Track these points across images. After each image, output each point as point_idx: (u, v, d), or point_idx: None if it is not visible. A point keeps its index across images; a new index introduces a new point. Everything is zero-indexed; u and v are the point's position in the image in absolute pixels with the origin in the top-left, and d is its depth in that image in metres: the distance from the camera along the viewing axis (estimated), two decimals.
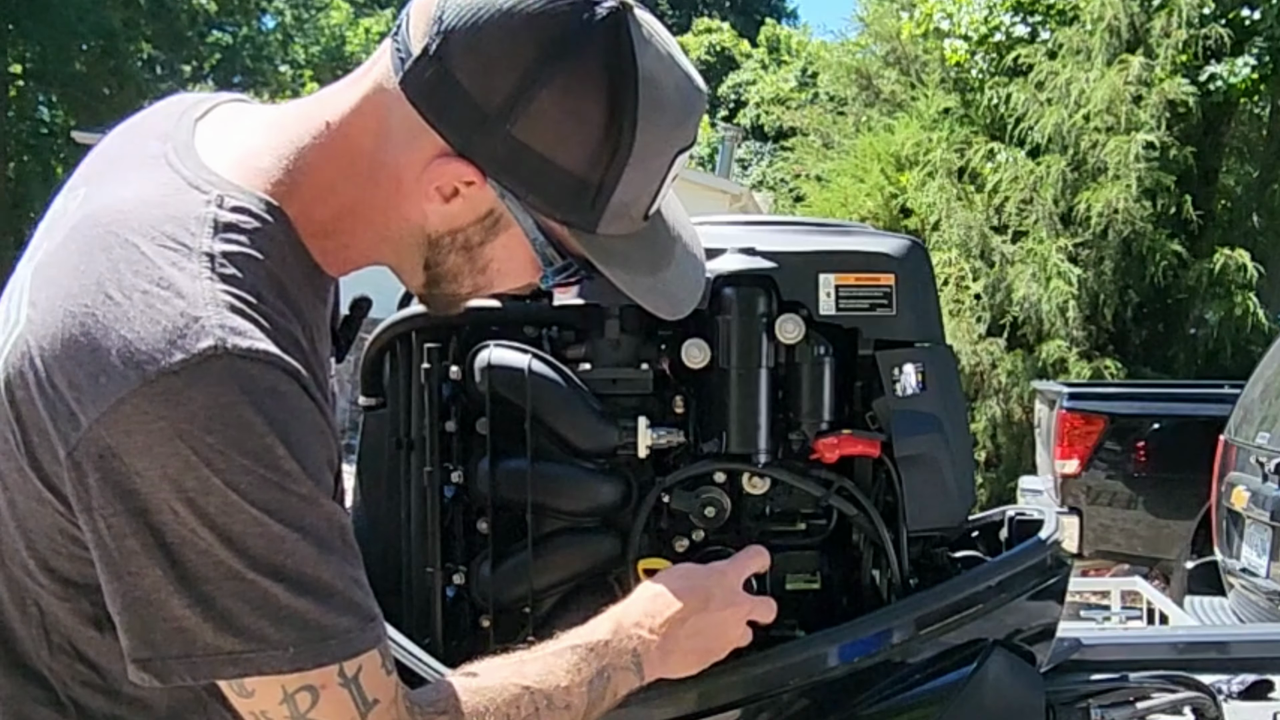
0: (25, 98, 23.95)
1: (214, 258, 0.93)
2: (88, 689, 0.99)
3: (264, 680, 0.91)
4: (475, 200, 1.00)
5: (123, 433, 0.88)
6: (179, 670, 0.91)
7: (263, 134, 1.03)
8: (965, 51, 11.36)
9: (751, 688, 1.32)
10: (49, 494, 0.93)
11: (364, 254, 1.07)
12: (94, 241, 0.95)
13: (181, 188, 0.97)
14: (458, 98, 0.96)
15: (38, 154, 24.13)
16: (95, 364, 0.89)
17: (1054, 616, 1.47)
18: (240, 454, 0.89)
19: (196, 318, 0.89)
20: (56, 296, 0.93)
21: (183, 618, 0.90)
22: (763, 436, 1.39)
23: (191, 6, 27.71)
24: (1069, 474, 6.55)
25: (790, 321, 1.37)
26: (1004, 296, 10.24)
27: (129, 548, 0.89)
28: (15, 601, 0.99)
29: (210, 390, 0.88)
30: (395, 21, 1.02)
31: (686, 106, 1.01)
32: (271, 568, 0.90)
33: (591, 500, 1.39)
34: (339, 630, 0.92)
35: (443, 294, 1.08)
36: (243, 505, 0.89)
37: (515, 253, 1.04)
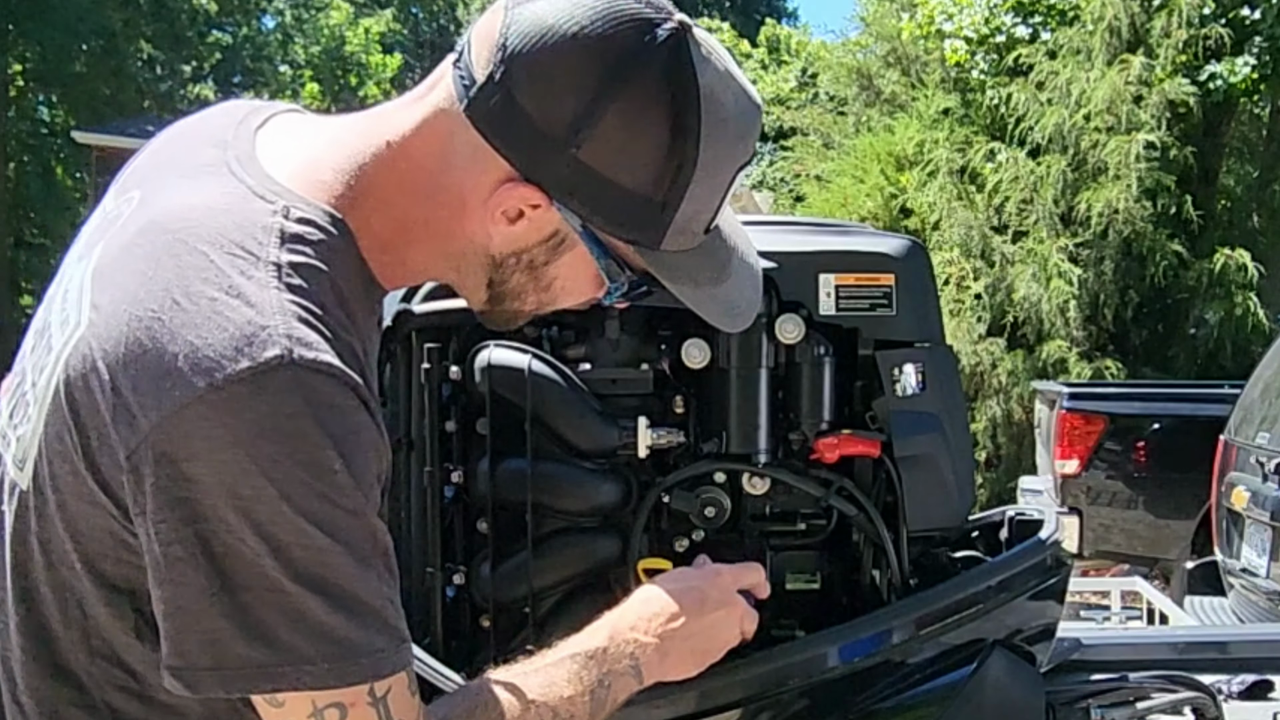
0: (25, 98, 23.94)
1: (281, 267, 0.94)
2: (123, 694, 0.99)
3: (295, 695, 0.91)
4: (540, 222, 1.01)
5: (182, 438, 0.88)
6: (209, 682, 0.91)
7: (323, 147, 1.04)
8: (966, 52, 11.36)
9: (751, 688, 1.32)
10: (103, 496, 0.93)
11: (422, 270, 1.08)
12: (161, 248, 0.95)
13: (247, 197, 0.98)
14: (523, 123, 0.97)
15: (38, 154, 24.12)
16: (161, 368, 0.89)
17: (1054, 616, 1.47)
18: (296, 465, 0.89)
19: (264, 326, 0.90)
20: (122, 301, 0.93)
21: (218, 629, 0.90)
22: (763, 436, 1.39)
23: (191, 6, 27.69)
24: (1069, 474, 6.55)
25: (790, 321, 1.37)
26: (1004, 296, 10.24)
27: (174, 554, 0.90)
28: (58, 603, 0.99)
29: (273, 400, 0.89)
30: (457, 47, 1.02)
31: (746, 122, 1.02)
32: (312, 580, 0.90)
33: (591, 500, 1.39)
34: (372, 650, 0.93)
35: (505, 311, 1.10)
36: (292, 515, 0.89)
37: (579, 271, 1.05)
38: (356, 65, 33.14)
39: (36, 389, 0.99)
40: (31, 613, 1.00)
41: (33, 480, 0.98)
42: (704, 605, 1.21)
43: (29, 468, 0.98)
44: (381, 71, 33.29)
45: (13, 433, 1.02)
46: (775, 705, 1.34)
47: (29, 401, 1.00)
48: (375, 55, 33.67)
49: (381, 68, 33.44)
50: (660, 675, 1.18)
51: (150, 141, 1.15)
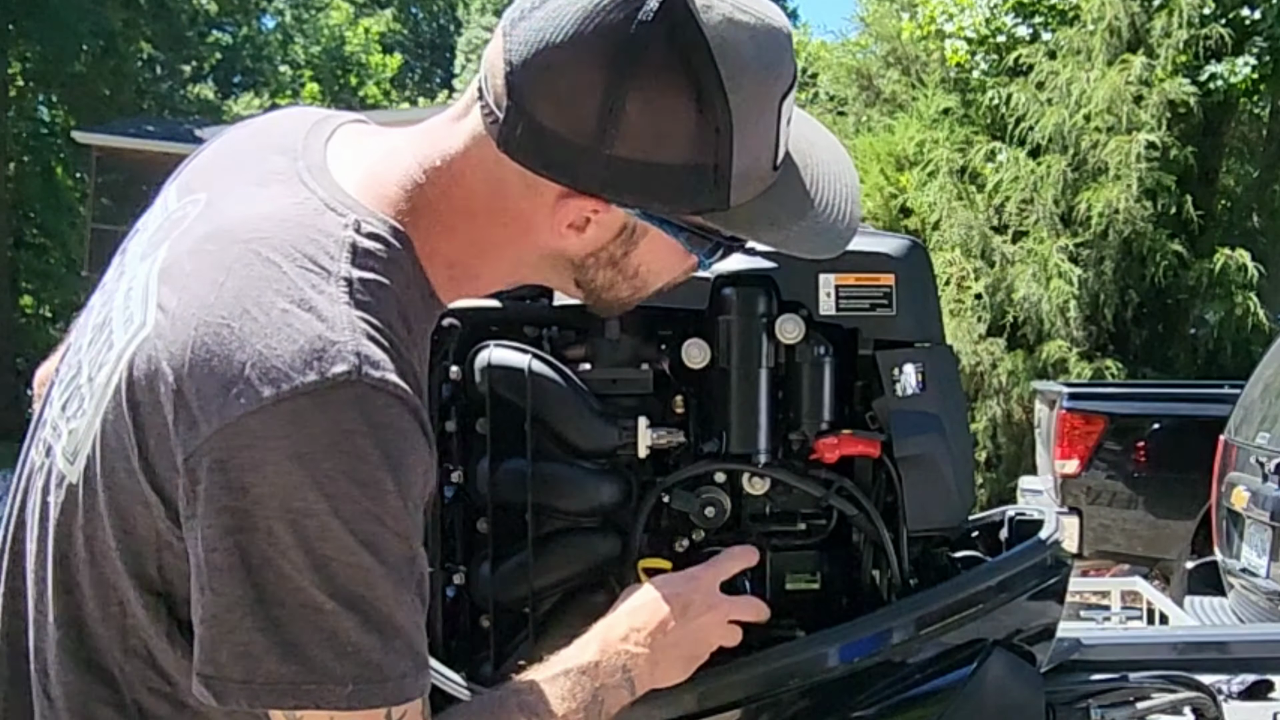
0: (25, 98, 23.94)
1: (352, 283, 0.94)
2: (155, 695, 0.99)
3: (316, 713, 0.92)
4: (607, 222, 1.02)
5: (241, 446, 0.88)
6: (237, 694, 0.91)
7: (382, 161, 1.04)
8: (966, 52, 11.36)
9: (751, 688, 1.32)
10: (155, 497, 0.94)
11: (500, 280, 1.10)
12: (233, 256, 0.95)
13: (319, 209, 0.99)
14: (552, 141, 0.96)
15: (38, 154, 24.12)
16: (228, 376, 0.90)
17: (1054, 616, 1.47)
18: (352, 482, 0.89)
19: (334, 341, 0.90)
20: (191, 305, 0.94)
21: (251, 642, 0.90)
22: (763, 436, 1.39)
23: (191, 6, 27.69)
24: (1069, 474, 6.56)
25: (790, 321, 1.37)
26: (1004, 296, 10.24)
27: (215, 562, 0.90)
28: (99, 599, 0.99)
29: (336, 416, 0.89)
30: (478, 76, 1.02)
31: (771, 52, 0.99)
32: (350, 598, 0.90)
33: (591, 500, 1.39)
34: (396, 674, 0.93)
35: (606, 301, 1.10)
36: (341, 532, 0.89)
37: (660, 252, 1.05)
38: (356, 65, 33.15)
39: (94, 384, 0.99)
40: (71, 605, 1.00)
41: (83, 474, 0.98)
42: (688, 611, 1.21)
43: (80, 462, 0.99)
44: (381, 71, 33.31)
45: (65, 424, 1.02)
46: (775, 705, 1.33)
47: (84, 395, 1.01)
48: (375, 55, 33.69)
49: (381, 68, 33.45)
50: (651, 684, 1.18)
51: (212, 141, 1.16)
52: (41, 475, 1.04)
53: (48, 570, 1.01)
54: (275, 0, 32.58)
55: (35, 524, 1.04)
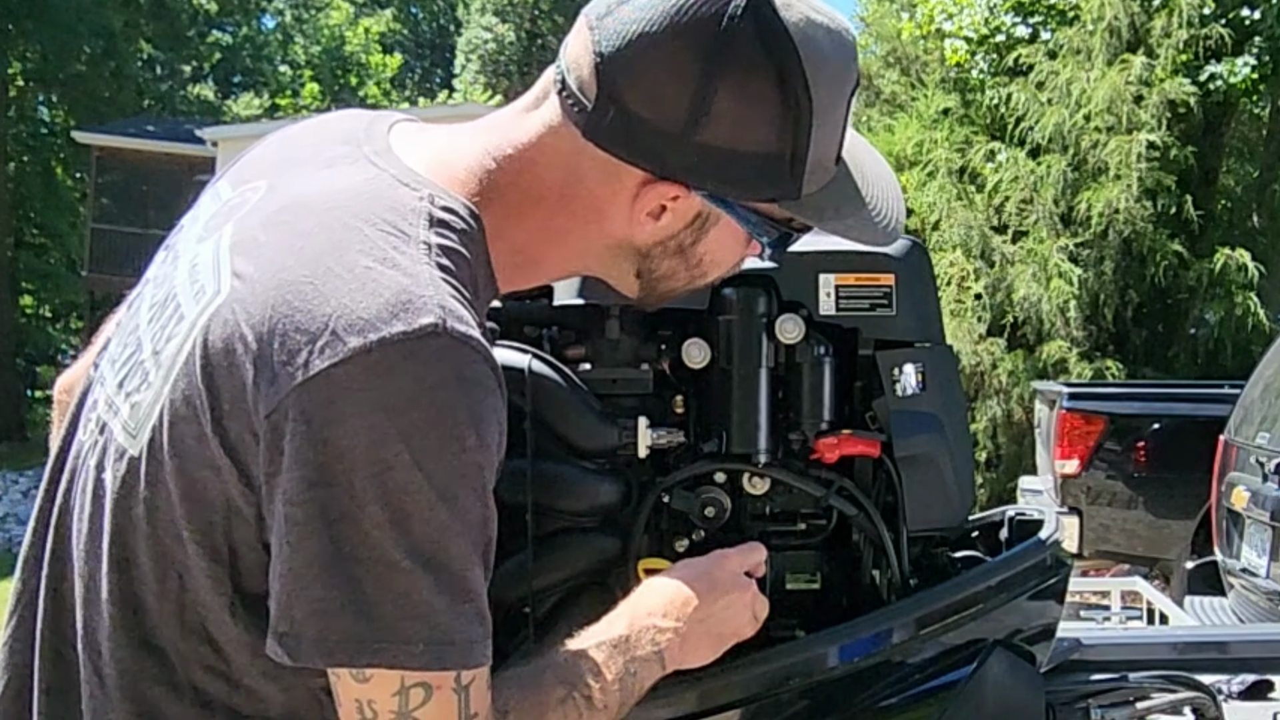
0: (25, 98, 23.95)
1: (431, 248, 0.97)
2: (209, 674, 0.99)
3: (384, 672, 0.91)
4: (682, 210, 1.05)
5: (327, 398, 0.89)
6: (310, 652, 0.91)
7: (447, 149, 1.07)
8: (966, 52, 11.36)
9: (751, 688, 1.32)
10: (227, 461, 0.94)
11: (561, 270, 1.13)
12: (311, 223, 0.97)
13: (392, 183, 1.01)
14: (644, 130, 1.00)
15: (38, 154, 24.14)
16: (313, 329, 0.91)
17: (1054, 616, 1.47)
18: (436, 435, 0.90)
19: (420, 294, 0.92)
20: (270, 268, 0.95)
21: (325, 598, 0.90)
22: (763, 436, 1.39)
23: (191, 6, 27.71)
24: (1069, 474, 6.56)
25: (790, 321, 1.37)
26: (1004, 297, 10.24)
27: (295, 516, 0.90)
28: (156, 573, 0.99)
29: (423, 367, 0.90)
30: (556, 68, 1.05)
31: (844, 50, 1.05)
32: (426, 557, 0.91)
33: (591, 500, 1.39)
34: (465, 639, 0.93)
35: (658, 293, 1.13)
36: (423, 486, 0.90)
37: (725, 241, 1.09)
38: (356, 65, 33.16)
39: (161, 357, 1.00)
40: (126, 581, 1.00)
41: (148, 445, 0.98)
42: (714, 589, 1.21)
43: (145, 434, 0.99)
44: (381, 71, 33.32)
45: (123, 400, 1.03)
46: (775, 705, 1.34)
47: (149, 369, 1.01)
48: (375, 55, 33.70)
49: (381, 68, 33.46)
50: (680, 662, 1.18)
51: (267, 138, 1.19)
52: (95, 453, 1.04)
53: (102, 547, 1.01)
54: (275, 0, 32.59)
55: (87, 502, 1.03)
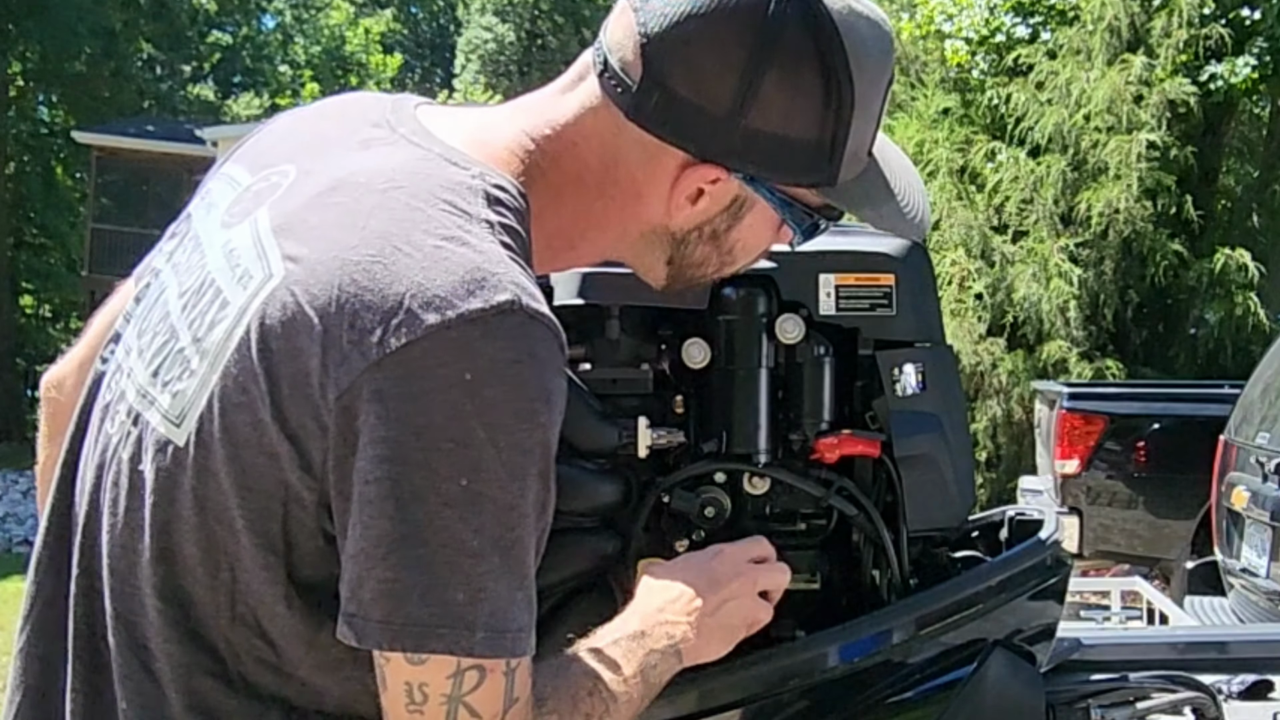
0: (25, 98, 23.95)
1: (493, 225, 0.96)
2: (261, 666, 0.98)
3: (441, 656, 0.91)
4: (720, 194, 1.06)
5: (403, 376, 0.88)
6: (376, 634, 0.91)
7: (487, 131, 1.07)
8: (966, 52, 11.36)
9: (751, 688, 1.32)
10: (287, 447, 0.93)
11: (593, 256, 1.13)
12: (369, 203, 0.96)
13: (439, 161, 1.00)
14: (688, 112, 1.01)
15: (38, 154, 24.14)
16: (385, 308, 0.89)
17: (1054, 616, 1.47)
18: (511, 414, 0.90)
19: (494, 271, 0.91)
20: (331, 249, 0.94)
21: (395, 579, 0.89)
22: (763, 436, 1.39)
23: (191, 6, 27.71)
24: (1069, 474, 6.56)
25: (790, 321, 1.37)
26: (1004, 297, 10.24)
27: (367, 495, 0.89)
28: (207, 564, 0.97)
29: (501, 344, 0.90)
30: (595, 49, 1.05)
31: (884, 41, 1.07)
32: (493, 538, 0.90)
33: (591, 500, 1.39)
34: (517, 625, 0.93)
35: (686, 280, 1.14)
36: (496, 464, 0.90)
37: (759, 228, 1.10)
38: (356, 65, 33.16)
39: (204, 344, 0.98)
40: (173, 575, 0.98)
41: (195, 435, 0.96)
42: (716, 582, 1.20)
43: (190, 423, 0.97)
44: (381, 71, 33.30)
45: (161, 390, 1.01)
46: (775, 705, 1.34)
47: (190, 357, 0.99)
48: (375, 55, 33.70)
49: (381, 68, 33.46)
50: (696, 656, 1.17)
51: (271, 123, 1.17)
52: (128, 445, 1.02)
53: (143, 541, 0.99)
54: (275, 0, 32.59)
55: (121, 496, 1.01)
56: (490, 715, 0.93)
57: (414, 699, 0.92)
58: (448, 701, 0.92)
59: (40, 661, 1.07)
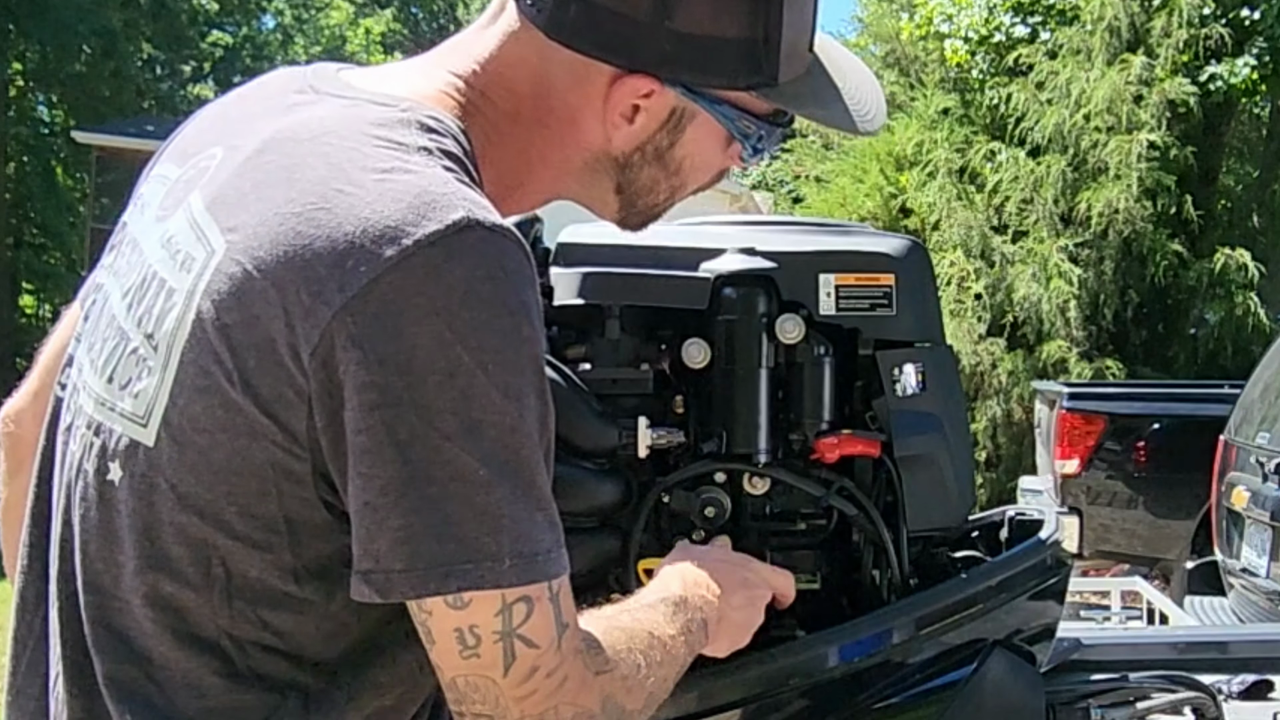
0: (25, 98, 23.94)
1: (431, 151, 0.93)
2: (270, 655, 0.95)
3: (481, 594, 0.88)
4: (657, 108, 1.02)
5: (372, 315, 0.85)
6: (400, 584, 0.87)
7: (414, 79, 1.03)
8: (965, 52, 11.36)
9: (751, 688, 1.32)
10: (266, 422, 0.89)
11: (541, 194, 1.08)
12: (301, 154, 0.93)
13: (365, 105, 0.97)
14: (609, 21, 0.97)
15: (38, 154, 24.12)
16: (337, 252, 0.86)
17: (1054, 616, 1.47)
18: (493, 332, 0.87)
19: (443, 192, 0.88)
20: (269, 208, 0.90)
21: (407, 525, 0.86)
22: (763, 436, 1.39)
23: (191, 6, 27.70)
24: (1069, 474, 6.56)
25: (790, 321, 1.37)
26: (1004, 297, 10.24)
27: (363, 445, 0.86)
28: (197, 563, 0.93)
29: (467, 262, 0.86)
30: None
31: None
32: (500, 464, 0.87)
33: (591, 500, 1.39)
34: (546, 547, 0.90)
35: (639, 210, 1.10)
36: (487, 387, 0.86)
37: (704, 142, 1.06)
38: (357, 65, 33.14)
39: (156, 338, 0.94)
40: (162, 581, 0.94)
41: (162, 430, 0.92)
42: (744, 584, 1.19)
43: (156, 420, 0.93)
44: None
45: (119, 394, 0.97)
46: (775, 705, 1.33)
47: (144, 356, 0.95)
48: (375, 55, 33.68)
49: None
50: (713, 643, 1.15)
51: (197, 115, 1.14)
52: (92, 458, 0.98)
53: (124, 552, 0.95)
54: (275, 0, 32.58)
55: (92, 511, 0.97)
56: (546, 644, 0.91)
57: (466, 643, 0.89)
58: (501, 638, 0.89)
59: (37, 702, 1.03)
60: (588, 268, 1.38)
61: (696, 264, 1.38)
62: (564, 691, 0.92)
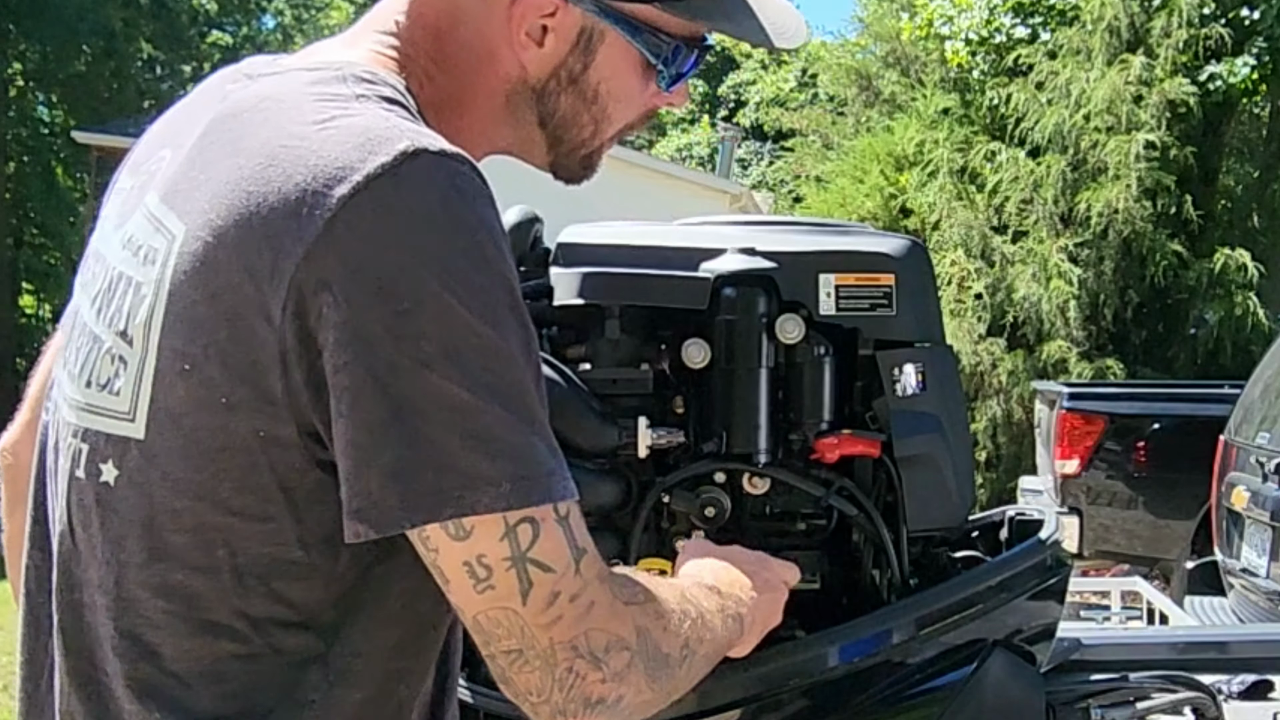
0: (25, 98, 23.94)
1: (369, 97, 0.94)
2: (286, 629, 0.93)
3: (483, 518, 0.86)
4: (564, 28, 1.02)
5: (336, 256, 0.85)
6: (395, 518, 0.86)
7: (343, 50, 1.04)
8: (966, 53, 11.37)
9: (751, 688, 1.32)
10: (245, 390, 0.88)
11: (477, 137, 1.06)
12: (243, 125, 0.94)
13: (298, 73, 0.98)
14: None
15: (38, 154, 24.11)
16: (290, 202, 0.86)
17: (1054, 616, 1.47)
18: (458, 253, 0.86)
19: (384, 128, 0.89)
20: (219, 180, 0.91)
21: (397, 460, 0.85)
22: (763, 436, 1.39)
23: (191, 6, 27.70)
24: (1069, 474, 6.56)
25: (790, 321, 1.37)
26: (1004, 297, 10.24)
27: (342, 385, 0.85)
28: (201, 547, 0.92)
29: (419, 188, 0.86)
30: None
31: None
32: (485, 387, 0.86)
33: (591, 500, 1.39)
34: (547, 470, 0.89)
35: (569, 150, 1.08)
36: (461, 311, 0.85)
37: (619, 65, 1.05)
38: None
39: (130, 333, 0.94)
40: (169, 571, 0.93)
41: (152, 422, 0.92)
42: (768, 585, 1.19)
43: (142, 413, 0.93)
44: None
45: (101, 394, 0.97)
46: (775, 705, 1.33)
47: (119, 354, 0.95)
48: None
49: None
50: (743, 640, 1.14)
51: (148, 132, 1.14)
52: (82, 464, 0.97)
53: (126, 551, 0.94)
54: (275, 0, 32.58)
55: (92, 517, 0.97)
56: (562, 567, 0.89)
57: (478, 575, 0.88)
58: (513, 564, 0.87)
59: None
60: (588, 268, 1.38)
61: (696, 264, 1.38)
62: (592, 617, 0.90)
